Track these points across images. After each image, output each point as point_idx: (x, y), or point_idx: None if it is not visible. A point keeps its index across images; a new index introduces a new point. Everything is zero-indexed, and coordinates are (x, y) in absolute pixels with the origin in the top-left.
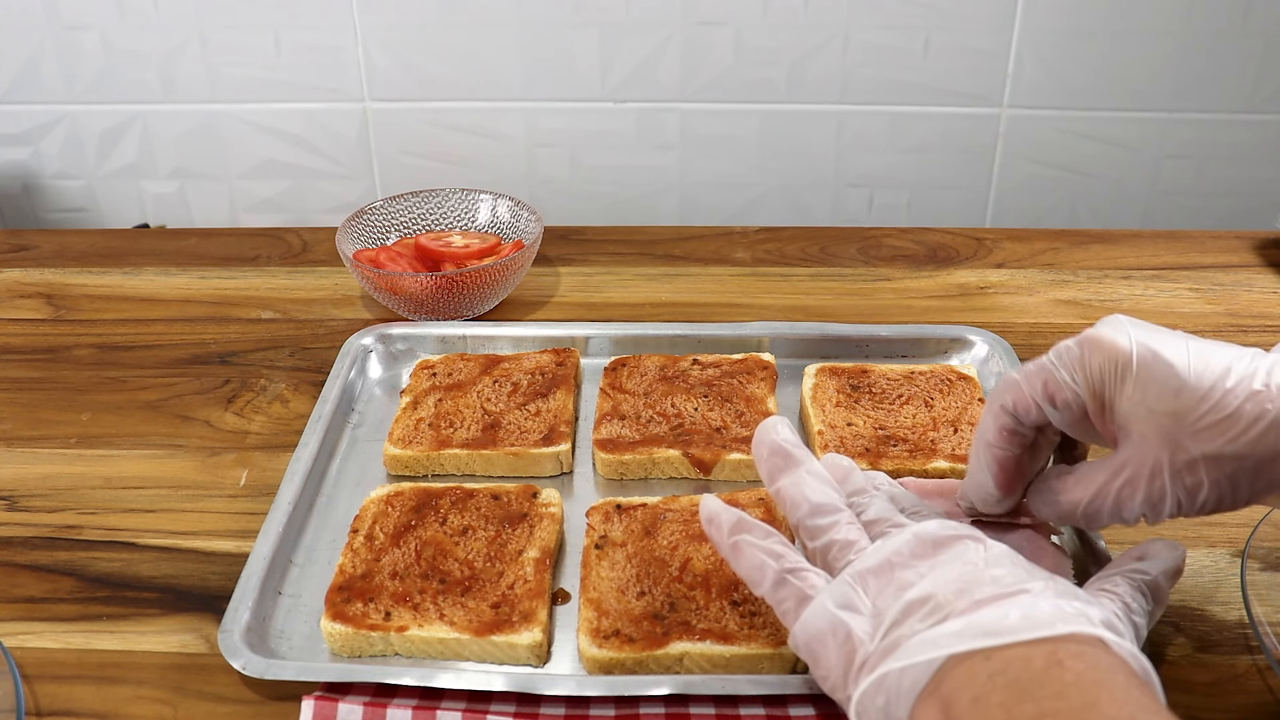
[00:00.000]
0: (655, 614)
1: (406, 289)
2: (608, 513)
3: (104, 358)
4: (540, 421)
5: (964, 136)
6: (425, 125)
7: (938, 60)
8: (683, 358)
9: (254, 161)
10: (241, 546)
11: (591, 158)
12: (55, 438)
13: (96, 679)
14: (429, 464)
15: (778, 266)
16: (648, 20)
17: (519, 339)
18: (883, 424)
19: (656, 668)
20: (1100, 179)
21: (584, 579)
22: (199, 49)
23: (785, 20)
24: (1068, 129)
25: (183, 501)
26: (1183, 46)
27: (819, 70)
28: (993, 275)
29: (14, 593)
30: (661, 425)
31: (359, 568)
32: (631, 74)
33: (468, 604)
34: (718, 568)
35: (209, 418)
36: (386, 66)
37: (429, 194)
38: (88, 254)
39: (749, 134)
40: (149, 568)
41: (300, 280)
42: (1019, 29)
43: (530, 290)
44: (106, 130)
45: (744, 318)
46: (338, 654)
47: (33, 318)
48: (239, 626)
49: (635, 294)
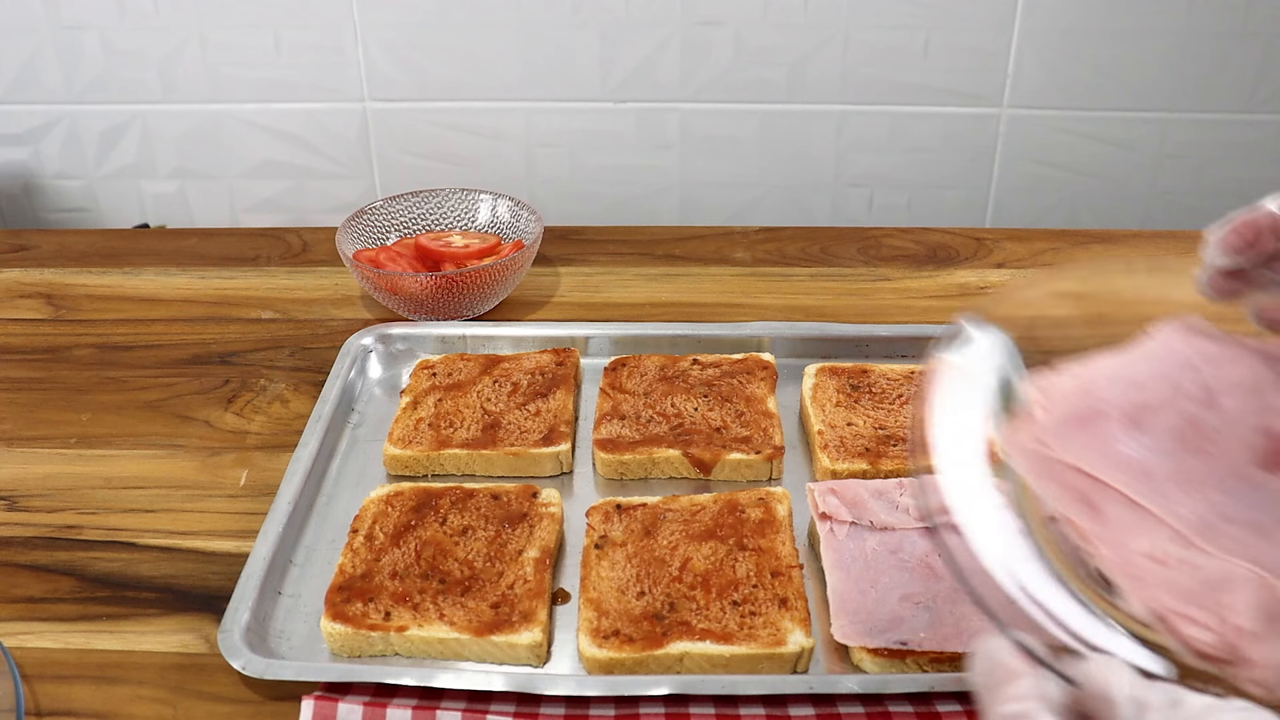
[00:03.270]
0: (655, 614)
1: (406, 289)
2: (608, 513)
3: (104, 358)
4: (540, 421)
5: (964, 136)
6: (425, 125)
7: (938, 60)
8: (683, 358)
9: (254, 161)
10: (241, 546)
11: (591, 158)
12: (55, 438)
13: (96, 679)
14: (429, 464)
15: (778, 266)
16: (648, 20)
17: (519, 339)
18: (883, 424)
19: (656, 668)
20: (1100, 179)
21: (584, 579)
22: (199, 49)
23: (785, 20)
24: (1068, 129)
25: (183, 501)
26: (1183, 46)
27: (819, 70)
28: (993, 275)
29: (14, 593)
30: (661, 425)
31: (359, 568)
32: (631, 74)
33: (468, 604)
34: (718, 568)
35: (209, 418)
36: (386, 66)
37: (429, 194)
38: (88, 254)
39: (749, 134)
40: (149, 568)
41: (300, 280)
42: (1019, 29)
43: (530, 290)
44: (106, 130)
45: (744, 318)
46: (338, 654)
47: (33, 318)
48: (239, 626)
49: (635, 294)
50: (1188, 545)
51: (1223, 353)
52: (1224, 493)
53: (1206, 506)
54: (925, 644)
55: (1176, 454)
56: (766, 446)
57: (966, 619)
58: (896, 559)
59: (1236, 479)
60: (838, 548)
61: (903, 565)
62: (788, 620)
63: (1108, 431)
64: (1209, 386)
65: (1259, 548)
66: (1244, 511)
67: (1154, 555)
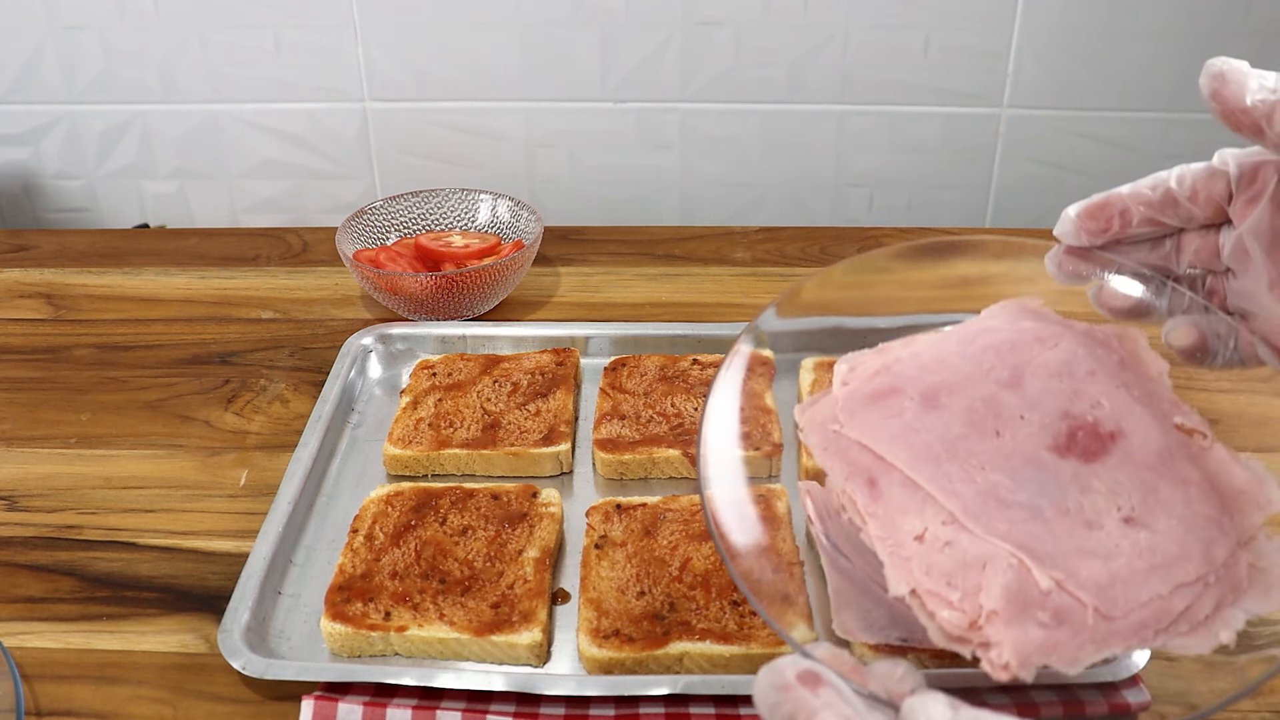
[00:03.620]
0: (655, 614)
1: (406, 289)
2: (608, 512)
3: (104, 358)
4: (540, 421)
5: (964, 136)
6: (425, 125)
7: (938, 60)
8: (683, 358)
9: (254, 161)
10: (241, 546)
11: (591, 158)
12: (55, 438)
13: (96, 679)
14: (429, 464)
15: (778, 266)
16: (648, 20)
17: (519, 339)
18: None
19: (656, 668)
20: (1100, 179)
21: (584, 579)
22: (199, 49)
23: (785, 20)
24: (1068, 129)
25: (183, 501)
26: (1183, 46)
27: (819, 70)
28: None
29: (14, 593)
30: (661, 425)
31: (359, 568)
32: (631, 74)
33: (467, 604)
34: (718, 567)
35: (209, 418)
36: (386, 66)
37: (429, 194)
38: (88, 254)
39: (749, 134)
40: (149, 568)
41: (300, 280)
42: (1019, 29)
43: (530, 290)
44: (106, 130)
45: (744, 318)
46: (337, 654)
47: (33, 318)
48: (239, 626)
49: (635, 294)
50: (957, 527)
51: (1045, 333)
52: (1006, 474)
53: (986, 488)
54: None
55: (966, 435)
56: (766, 444)
57: None
58: None
59: (1024, 461)
60: None
61: None
62: (789, 618)
63: (900, 409)
64: (1017, 367)
65: (1029, 529)
66: (1022, 494)
67: (920, 535)
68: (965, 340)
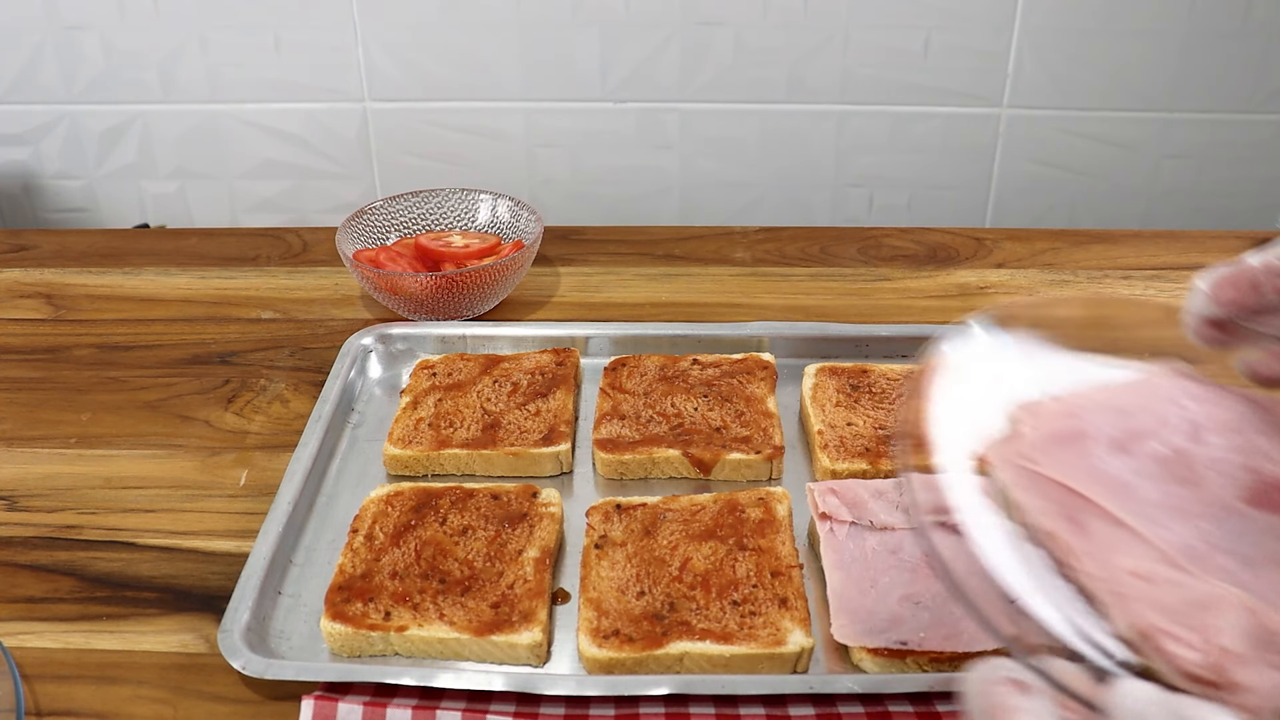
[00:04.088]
0: (655, 614)
1: (406, 289)
2: (608, 512)
3: (104, 358)
4: (540, 421)
5: (964, 136)
6: (425, 125)
7: (938, 60)
8: (683, 358)
9: (254, 161)
10: (241, 546)
11: (591, 158)
12: (55, 438)
13: (96, 679)
14: (429, 464)
15: (778, 266)
16: (648, 20)
17: (519, 339)
18: (883, 424)
19: (656, 668)
20: (1100, 179)
21: (584, 579)
22: (199, 49)
23: (785, 20)
24: (1068, 129)
25: (182, 501)
26: (1183, 46)
27: (819, 70)
28: (993, 275)
29: (14, 593)
30: (661, 425)
31: (359, 568)
32: (631, 74)
33: (468, 604)
34: (718, 568)
35: (209, 418)
36: (386, 66)
37: (429, 194)
38: (88, 254)
39: (749, 134)
40: (149, 568)
41: (300, 280)
42: (1019, 29)
43: (530, 290)
44: (106, 130)
45: (744, 318)
46: (337, 654)
47: (33, 318)
48: (239, 626)
49: (635, 294)
50: (1174, 566)
51: (1209, 394)
52: (1210, 521)
53: (1193, 532)
54: (925, 644)
55: (1162, 480)
56: (766, 446)
57: (966, 619)
58: (896, 559)
59: (1223, 510)
60: (838, 548)
61: (903, 565)
62: (788, 620)
63: (1093, 451)
64: (1195, 422)
65: (1244, 577)
66: (1230, 542)
67: (1139, 573)
68: (1137, 393)
